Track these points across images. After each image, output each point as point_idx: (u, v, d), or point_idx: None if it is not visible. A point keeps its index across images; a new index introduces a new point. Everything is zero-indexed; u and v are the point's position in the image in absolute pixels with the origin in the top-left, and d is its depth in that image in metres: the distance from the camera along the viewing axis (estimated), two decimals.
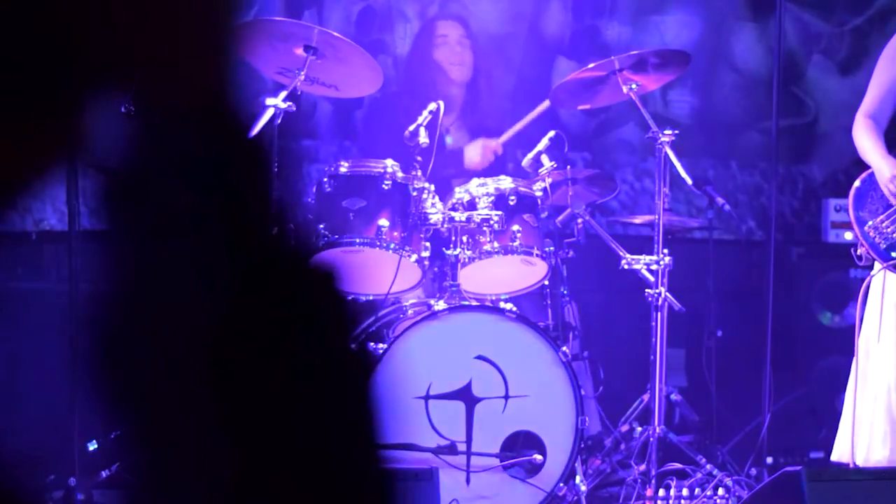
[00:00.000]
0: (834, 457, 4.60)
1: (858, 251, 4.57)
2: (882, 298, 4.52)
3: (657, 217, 4.79)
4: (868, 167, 4.59)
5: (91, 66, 1.07)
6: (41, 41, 1.04)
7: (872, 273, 4.58)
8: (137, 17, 1.08)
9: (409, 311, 4.60)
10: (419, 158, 4.61)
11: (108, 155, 1.12)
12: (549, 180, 4.84)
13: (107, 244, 1.14)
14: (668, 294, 4.75)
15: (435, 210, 4.57)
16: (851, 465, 4.44)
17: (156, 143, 1.13)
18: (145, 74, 1.11)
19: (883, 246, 4.52)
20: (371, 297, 4.78)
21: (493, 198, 4.63)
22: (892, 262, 4.50)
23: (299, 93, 4.74)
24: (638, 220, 5.62)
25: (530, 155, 5.04)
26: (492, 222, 4.53)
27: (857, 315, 4.64)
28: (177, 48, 1.10)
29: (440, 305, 4.45)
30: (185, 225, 1.13)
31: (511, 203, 4.64)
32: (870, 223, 4.54)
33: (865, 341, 4.55)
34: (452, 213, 4.55)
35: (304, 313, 1.18)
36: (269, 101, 4.50)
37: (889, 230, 4.52)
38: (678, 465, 4.77)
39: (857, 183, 4.61)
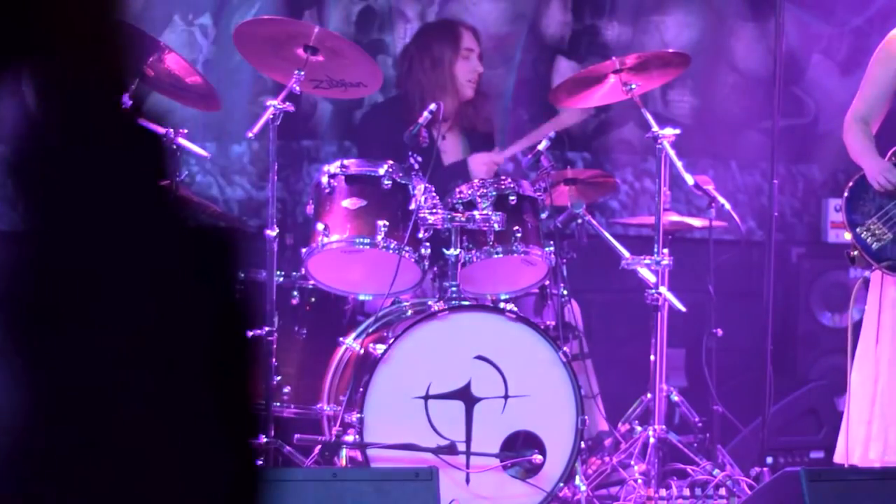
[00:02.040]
0: (839, 458, 4.58)
1: (852, 254, 4.57)
2: (880, 300, 4.52)
3: (657, 217, 4.78)
4: (860, 170, 4.60)
5: None
6: None
7: (866, 274, 4.59)
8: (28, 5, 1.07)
9: (409, 311, 4.60)
10: (419, 159, 4.60)
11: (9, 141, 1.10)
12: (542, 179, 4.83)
13: (18, 244, 1.11)
14: (668, 294, 4.74)
15: (435, 210, 4.56)
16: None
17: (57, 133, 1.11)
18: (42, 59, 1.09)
19: (875, 247, 4.52)
20: (371, 297, 4.78)
21: (493, 198, 4.62)
22: (885, 264, 4.50)
23: (299, 93, 4.74)
24: (637, 220, 5.61)
25: (530, 155, 5.04)
26: (492, 222, 4.52)
27: (849, 315, 4.65)
28: (66, 30, 1.09)
29: (440, 305, 4.45)
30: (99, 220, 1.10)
31: (511, 203, 4.63)
32: (862, 226, 4.54)
33: (865, 344, 4.55)
34: (452, 213, 4.55)
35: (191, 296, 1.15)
36: (269, 101, 4.50)
37: (881, 232, 4.53)
38: (678, 465, 4.77)
39: (850, 184, 4.61)
